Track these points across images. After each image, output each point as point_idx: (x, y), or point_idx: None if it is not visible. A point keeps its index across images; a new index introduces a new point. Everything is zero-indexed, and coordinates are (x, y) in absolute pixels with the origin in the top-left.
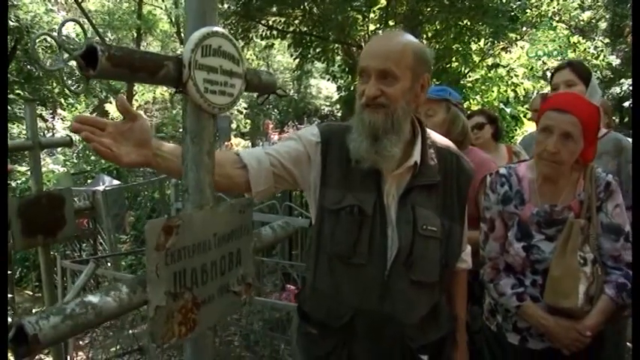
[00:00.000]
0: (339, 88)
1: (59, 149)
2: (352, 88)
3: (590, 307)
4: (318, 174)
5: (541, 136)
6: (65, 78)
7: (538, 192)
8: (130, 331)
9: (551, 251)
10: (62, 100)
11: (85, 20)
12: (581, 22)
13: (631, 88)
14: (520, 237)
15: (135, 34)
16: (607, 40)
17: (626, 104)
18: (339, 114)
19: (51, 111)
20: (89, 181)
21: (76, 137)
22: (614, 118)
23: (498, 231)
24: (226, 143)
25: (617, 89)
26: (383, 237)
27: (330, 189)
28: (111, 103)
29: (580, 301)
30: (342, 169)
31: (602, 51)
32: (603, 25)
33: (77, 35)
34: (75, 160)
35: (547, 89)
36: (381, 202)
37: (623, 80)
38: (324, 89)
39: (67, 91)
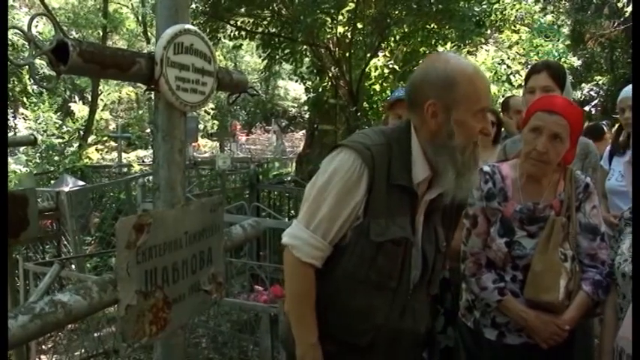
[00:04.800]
0: (307, 90)
1: (22, 149)
2: (320, 90)
3: (568, 301)
4: (362, 204)
5: (530, 136)
6: (27, 76)
7: (521, 190)
8: (96, 334)
9: (532, 247)
10: (24, 99)
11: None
12: (543, 26)
13: (591, 92)
14: (502, 233)
15: (100, 33)
16: (568, 42)
17: (587, 108)
18: (307, 115)
19: (12, 110)
20: (52, 181)
21: (39, 137)
22: None
23: (481, 227)
24: (193, 144)
25: (578, 94)
26: (409, 258)
27: (374, 219)
28: (75, 102)
29: (560, 295)
30: (384, 193)
31: (563, 53)
32: (565, 30)
33: (40, 33)
34: (38, 160)
35: (515, 92)
36: (413, 226)
37: (583, 85)
38: (292, 90)
39: (29, 90)
